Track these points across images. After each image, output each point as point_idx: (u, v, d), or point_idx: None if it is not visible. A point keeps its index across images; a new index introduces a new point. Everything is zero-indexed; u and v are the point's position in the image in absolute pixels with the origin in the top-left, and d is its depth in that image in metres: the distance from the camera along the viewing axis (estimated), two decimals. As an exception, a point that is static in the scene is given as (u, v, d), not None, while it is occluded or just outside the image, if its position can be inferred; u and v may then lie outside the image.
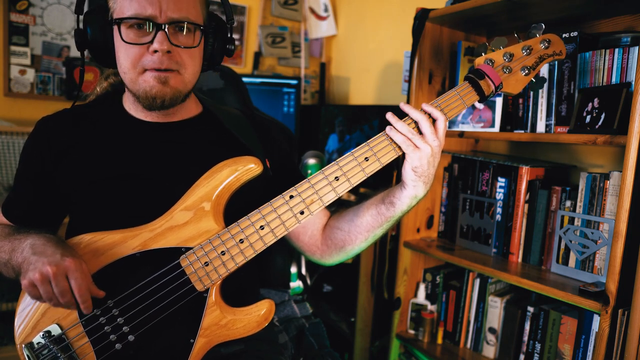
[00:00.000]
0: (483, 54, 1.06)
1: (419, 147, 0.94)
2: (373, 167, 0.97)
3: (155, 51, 0.95)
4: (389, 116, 0.96)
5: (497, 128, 1.65)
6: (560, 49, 1.09)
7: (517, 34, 1.09)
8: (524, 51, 1.06)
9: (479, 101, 1.04)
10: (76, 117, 1.08)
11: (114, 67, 1.04)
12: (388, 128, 0.96)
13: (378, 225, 1.04)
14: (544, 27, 1.07)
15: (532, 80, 1.08)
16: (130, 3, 0.94)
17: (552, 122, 1.49)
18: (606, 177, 1.37)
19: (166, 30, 0.94)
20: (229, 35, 1.08)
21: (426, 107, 0.97)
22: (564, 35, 1.45)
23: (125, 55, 0.97)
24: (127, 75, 0.99)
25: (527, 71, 1.06)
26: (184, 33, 0.98)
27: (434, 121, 0.96)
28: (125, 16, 0.94)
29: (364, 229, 1.05)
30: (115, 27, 0.96)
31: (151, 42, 0.95)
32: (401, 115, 0.98)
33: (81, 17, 1.01)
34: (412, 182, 0.96)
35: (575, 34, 1.43)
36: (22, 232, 1.01)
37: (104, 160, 1.03)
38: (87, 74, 2.19)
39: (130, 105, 1.08)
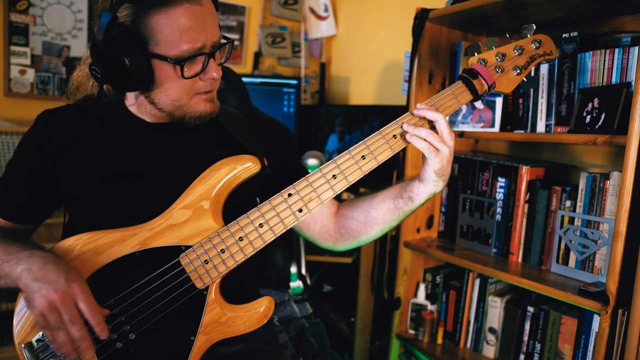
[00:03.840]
0: (476, 54, 1.09)
1: (439, 149, 0.95)
2: (370, 165, 0.97)
3: (212, 78, 0.98)
4: (407, 127, 0.96)
5: (497, 128, 1.65)
6: (550, 49, 1.12)
7: (509, 34, 1.11)
8: (515, 51, 1.09)
9: (473, 100, 1.06)
10: (78, 113, 1.07)
11: (138, 90, 1.01)
12: (408, 135, 0.97)
13: (395, 218, 1.08)
14: (534, 27, 1.10)
15: (523, 80, 1.11)
16: (180, 38, 0.91)
17: (552, 122, 1.49)
18: (606, 177, 1.37)
19: (214, 55, 0.97)
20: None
21: (420, 112, 0.98)
22: (564, 35, 1.45)
23: (178, 87, 0.97)
24: (177, 103, 0.99)
25: (518, 71, 1.09)
26: (220, 51, 1.01)
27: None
28: (179, 53, 0.92)
29: (381, 220, 1.09)
30: (163, 63, 0.93)
31: (202, 70, 0.96)
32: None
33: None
34: (433, 182, 1.00)
35: (575, 34, 1.43)
36: (10, 250, 0.94)
37: (104, 158, 1.02)
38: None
39: (137, 109, 1.07)
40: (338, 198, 1.09)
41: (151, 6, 0.90)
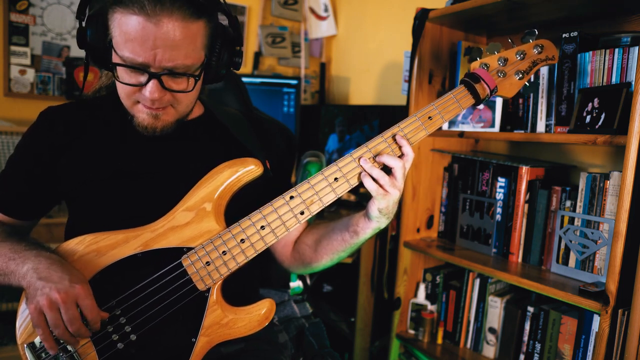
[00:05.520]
0: (478, 58, 1.09)
1: (389, 192, 0.95)
2: None
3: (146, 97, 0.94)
4: (363, 162, 0.95)
5: (497, 128, 1.65)
6: (552, 54, 1.13)
7: (511, 38, 1.12)
8: (517, 56, 1.10)
9: (475, 104, 1.06)
10: (81, 111, 1.07)
11: (96, 65, 1.03)
12: (363, 174, 0.95)
13: (342, 249, 1.07)
14: (536, 32, 1.12)
15: (525, 84, 1.11)
16: (125, 44, 0.89)
17: (552, 122, 1.49)
18: (606, 177, 1.37)
19: (160, 78, 0.92)
20: (237, 48, 1.04)
21: (400, 140, 0.96)
22: (564, 35, 1.45)
23: (120, 86, 0.96)
24: (124, 101, 0.99)
25: (521, 75, 1.09)
26: (180, 78, 0.95)
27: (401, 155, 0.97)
28: (119, 55, 0.90)
29: (329, 250, 1.08)
30: (112, 56, 0.93)
31: (144, 84, 0.92)
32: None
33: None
34: (376, 219, 0.99)
35: (575, 34, 1.43)
36: (17, 249, 0.95)
37: (106, 157, 1.03)
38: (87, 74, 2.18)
39: None
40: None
41: (118, 2, 0.90)
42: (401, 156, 0.97)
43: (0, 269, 0.94)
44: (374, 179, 0.95)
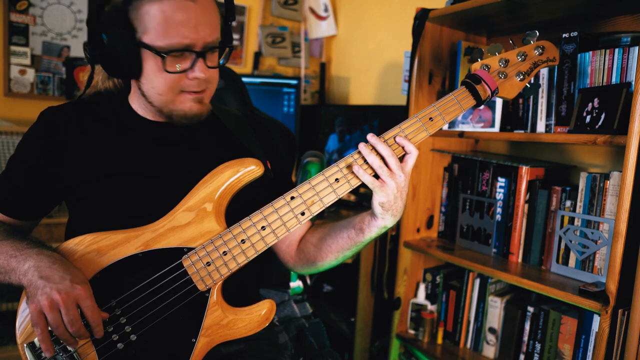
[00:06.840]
0: (479, 59, 1.09)
1: (385, 182, 0.93)
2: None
3: (197, 78, 0.96)
4: (362, 147, 0.94)
5: (497, 128, 1.65)
6: (554, 55, 1.13)
7: (512, 39, 1.12)
8: (518, 57, 1.09)
9: (475, 105, 1.06)
10: (82, 111, 1.07)
11: (128, 78, 1.03)
12: (356, 167, 0.94)
13: (347, 247, 1.06)
14: (537, 33, 1.11)
15: (526, 85, 1.11)
16: (168, 31, 0.91)
17: (552, 122, 1.49)
18: (606, 177, 1.37)
19: (204, 55, 0.95)
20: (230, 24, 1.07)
21: (401, 140, 0.95)
22: (564, 35, 1.45)
23: (162, 80, 0.96)
24: (163, 97, 0.99)
25: (522, 76, 1.09)
26: (215, 53, 0.99)
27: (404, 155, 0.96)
28: (165, 46, 0.92)
29: (335, 249, 1.07)
30: (149, 53, 0.94)
31: (190, 68, 0.95)
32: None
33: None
34: (380, 215, 0.97)
35: (575, 34, 1.43)
36: (19, 246, 0.95)
37: (108, 157, 1.03)
38: (86, 74, 2.18)
39: (138, 106, 1.07)
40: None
41: None
42: (404, 155, 0.96)
43: (1, 266, 0.93)
44: (372, 170, 0.94)
